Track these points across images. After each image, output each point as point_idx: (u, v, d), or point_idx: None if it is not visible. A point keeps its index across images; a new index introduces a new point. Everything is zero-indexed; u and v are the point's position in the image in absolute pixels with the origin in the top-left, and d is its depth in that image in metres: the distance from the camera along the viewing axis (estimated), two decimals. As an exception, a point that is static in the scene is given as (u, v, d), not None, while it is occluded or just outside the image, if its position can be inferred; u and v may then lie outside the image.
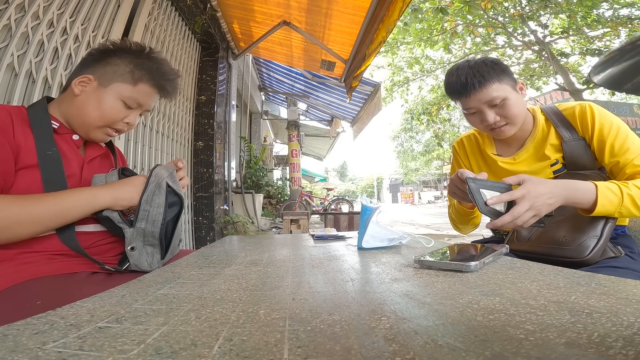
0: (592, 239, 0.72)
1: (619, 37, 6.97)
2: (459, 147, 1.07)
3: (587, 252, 0.71)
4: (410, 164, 27.70)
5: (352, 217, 4.52)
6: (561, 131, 0.85)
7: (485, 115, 0.83)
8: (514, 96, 0.82)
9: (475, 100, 0.82)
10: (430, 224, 7.48)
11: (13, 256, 0.59)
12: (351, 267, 0.55)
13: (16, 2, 1.25)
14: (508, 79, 0.83)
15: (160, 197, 0.68)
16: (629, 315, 0.28)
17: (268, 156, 6.93)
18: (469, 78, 0.81)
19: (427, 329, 0.27)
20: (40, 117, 0.68)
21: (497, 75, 0.81)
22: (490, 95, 0.81)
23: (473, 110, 0.85)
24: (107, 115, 0.72)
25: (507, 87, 0.82)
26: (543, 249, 0.77)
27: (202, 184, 3.04)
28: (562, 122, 0.86)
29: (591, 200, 0.70)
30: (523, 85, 0.87)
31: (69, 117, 0.73)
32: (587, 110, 0.82)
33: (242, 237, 1.17)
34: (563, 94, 8.67)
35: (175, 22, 2.68)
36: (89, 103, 0.71)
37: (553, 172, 0.86)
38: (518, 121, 0.85)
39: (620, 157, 0.77)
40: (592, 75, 0.26)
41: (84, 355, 0.23)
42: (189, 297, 0.38)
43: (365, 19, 2.50)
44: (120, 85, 0.72)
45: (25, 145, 0.62)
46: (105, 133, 0.75)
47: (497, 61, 0.84)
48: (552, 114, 0.88)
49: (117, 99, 0.72)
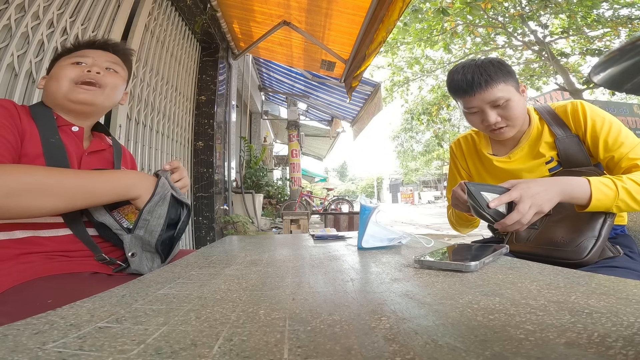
0: (590, 239, 0.72)
1: (619, 37, 6.96)
2: (456, 147, 1.08)
3: (585, 253, 0.71)
4: (410, 164, 27.69)
5: (352, 217, 4.52)
6: (554, 129, 0.85)
7: (487, 116, 0.82)
8: (517, 98, 0.83)
9: (478, 100, 0.82)
10: (430, 224, 7.48)
11: (14, 257, 0.59)
12: (351, 267, 0.55)
13: (16, 2, 1.25)
14: (512, 81, 0.83)
15: (162, 209, 0.67)
16: (629, 315, 0.28)
17: (268, 156, 6.93)
18: (475, 76, 0.80)
19: (427, 329, 0.27)
20: (42, 113, 0.70)
21: (504, 76, 0.81)
22: (495, 95, 0.80)
23: (475, 109, 0.84)
24: (61, 77, 0.74)
25: (511, 88, 0.82)
26: (541, 250, 0.77)
27: (202, 184, 3.04)
28: (555, 120, 0.87)
29: (586, 195, 0.70)
30: (525, 87, 0.87)
31: (52, 105, 0.75)
32: (579, 107, 0.83)
33: (242, 237, 1.17)
34: (563, 94, 8.67)
35: (175, 22, 2.68)
36: (48, 84, 0.75)
37: (549, 169, 0.86)
38: (518, 123, 0.85)
39: (615, 151, 0.78)
40: (592, 75, 0.26)
41: (84, 355, 0.23)
42: (189, 297, 0.38)
43: (365, 19, 2.50)
44: (60, 61, 0.77)
45: (29, 134, 0.64)
46: (79, 89, 0.74)
47: (504, 62, 0.84)
48: (545, 112, 0.89)
49: (62, 66, 0.75)
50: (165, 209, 0.67)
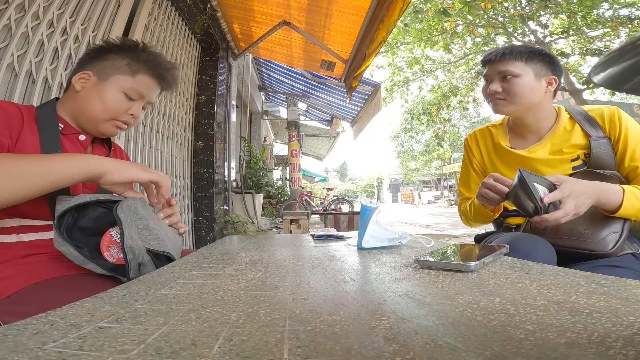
0: (613, 234, 0.77)
1: (619, 37, 6.96)
2: (471, 140, 1.08)
3: (611, 246, 0.76)
4: (410, 164, 27.68)
5: (352, 217, 4.52)
6: (587, 129, 0.87)
7: (492, 84, 0.90)
8: (528, 80, 0.86)
9: (492, 68, 0.90)
10: (430, 224, 7.48)
11: (22, 257, 0.61)
12: (351, 267, 0.55)
13: (16, 2, 1.25)
14: (539, 66, 0.87)
15: (132, 229, 0.60)
16: (629, 315, 0.28)
17: (268, 156, 6.93)
18: (502, 50, 0.88)
19: (427, 329, 0.27)
20: (47, 118, 0.68)
21: (528, 58, 0.86)
22: (506, 67, 0.86)
23: (488, 77, 0.92)
24: (110, 108, 0.72)
25: (529, 70, 0.86)
26: (564, 241, 0.80)
27: (202, 184, 3.05)
28: (588, 121, 0.88)
29: (617, 203, 0.74)
30: (554, 81, 0.88)
31: (74, 115, 0.73)
32: (616, 113, 0.86)
33: (242, 237, 1.17)
34: (563, 94, 8.67)
35: (175, 22, 2.68)
36: (91, 97, 0.71)
37: (572, 167, 0.87)
38: (517, 102, 0.87)
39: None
40: (592, 75, 0.26)
41: (84, 355, 0.23)
42: (189, 297, 0.38)
43: (365, 19, 2.50)
44: (119, 78, 0.72)
45: (31, 138, 0.63)
46: (114, 125, 0.74)
47: (543, 51, 0.88)
48: (576, 113, 0.91)
49: (118, 91, 0.72)
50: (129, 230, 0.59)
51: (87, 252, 0.60)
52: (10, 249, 0.61)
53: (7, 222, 0.62)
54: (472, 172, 1.06)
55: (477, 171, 1.05)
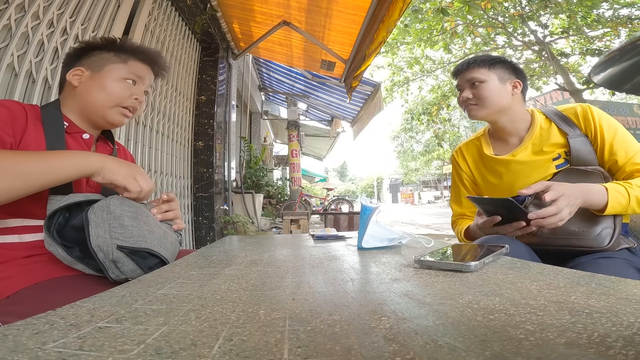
0: (607, 229, 0.78)
1: (619, 37, 6.96)
2: (458, 155, 1.10)
3: (607, 241, 0.77)
4: (410, 164, 27.67)
5: (352, 217, 4.52)
6: (564, 127, 0.89)
7: (463, 92, 0.96)
8: (494, 84, 0.91)
9: (462, 78, 0.96)
10: (430, 224, 7.48)
11: (23, 258, 0.61)
12: (351, 267, 0.55)
13: (16, 2, 1.25)
14: (501, 71, 0.92)
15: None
16: (629, 315, 0.28)
17: (268, 156, 6.93)
18: (467, 61, 0.96)
19: (427, 329, 0.27)
20: (52, 117, 0.69)
21: (491, 64, 0.92)
22: (472, 74, 0.93)
23: (460, 87, 0.98)
24: (112, 93, 0.72)
25: (493, 75, 0.92)
26: (560, 241, 0.81)
27: (202, 184, 3.04)
28: (563, 120, 0.90)
29: (603, 203, 0.76)
30: (518, 84, 0.93)
31: (79, 110, 0.73)
32: (589, 110, 0.88)
33: (242, 237, 1.17)
34: (563, 94, 8.68)
35: (175, 22, 2.68)
36: (92, 88, 0.72)
37: (556, 166, 0.88)
38: (487, 104, 0.92)
39: (619, 156, 0.82)
40: (592, 75, 0.26)
41: (84, 355, 0.23)
42: (189, 297, 0.38)
43: (365, 19, 2.50)
44: (112, 67, 0.74)
45: (35, 138, 0.64)
46: (120, 113, 0.75)
47: (502, 58, 0.95)
48: (551, 113, 0.93)
49: (116, 77, 0.73)
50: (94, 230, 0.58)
51: (77, 252, 0.60)
52: (11, 250, 0.61)
53: (9, 222, 0.62)
54: (461, 187, 1.08)
55: (467, 186, 1.07)
